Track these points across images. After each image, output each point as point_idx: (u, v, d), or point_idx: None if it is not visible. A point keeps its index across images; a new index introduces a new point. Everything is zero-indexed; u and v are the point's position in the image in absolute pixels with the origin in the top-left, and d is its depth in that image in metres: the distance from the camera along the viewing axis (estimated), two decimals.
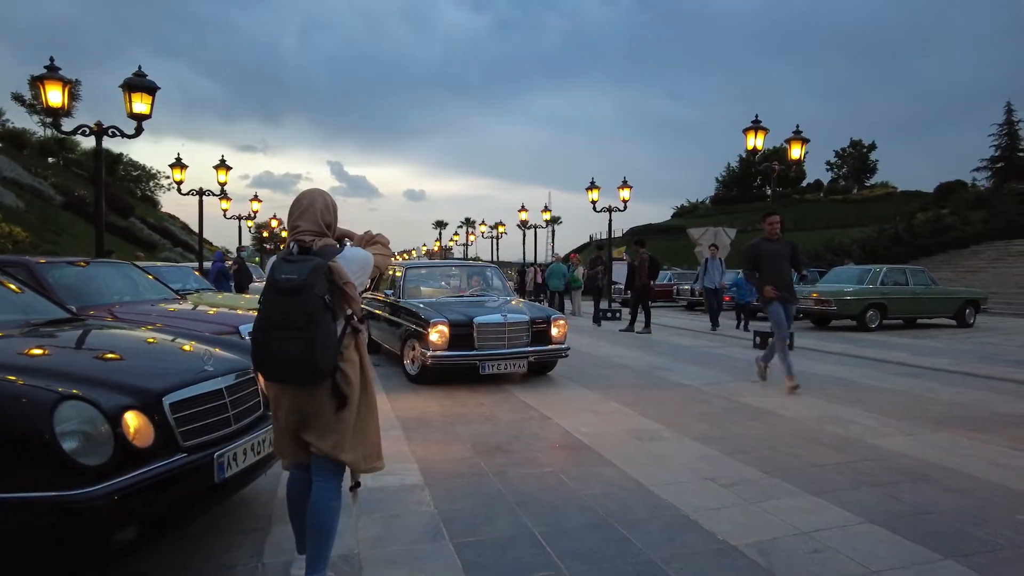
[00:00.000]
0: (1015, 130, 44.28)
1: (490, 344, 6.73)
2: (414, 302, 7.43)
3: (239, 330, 5.24)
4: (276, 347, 2.34)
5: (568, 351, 7.29)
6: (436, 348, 6.51)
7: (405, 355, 7.14)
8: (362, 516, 3.32)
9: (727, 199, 64.52)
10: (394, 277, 8.26)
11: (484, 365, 6.68)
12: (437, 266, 9.64)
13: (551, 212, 29.40)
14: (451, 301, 7.57)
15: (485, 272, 8.88)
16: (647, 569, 2.76)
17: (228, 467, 2.75)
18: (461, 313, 6.85)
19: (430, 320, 6.56)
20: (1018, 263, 23.26)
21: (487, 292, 8.19)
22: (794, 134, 10.90)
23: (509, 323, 6.82)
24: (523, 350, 6.85)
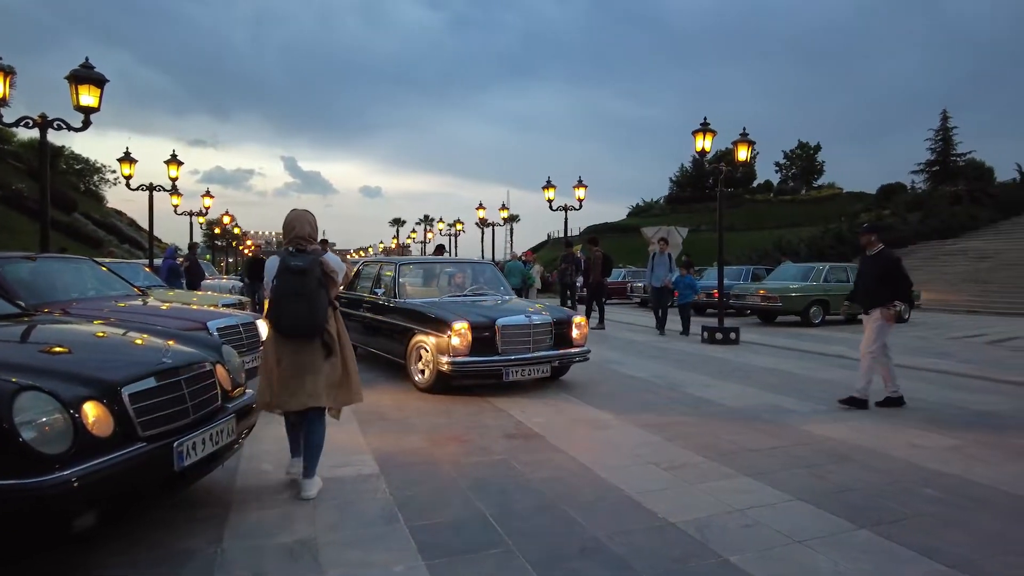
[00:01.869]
0: (949, 136, 46.46)
1: (514, 348, 6.13)
2: (417, 303, 6.77)
3: (207, 326, 5.27)
4: (290, 309, 3.40)
5: (589, 354, 6.81)
6: (457, 353, 5.83)
7: (410, 361, 6.43)
8: (319, 504, 3.42)
9: (681, 199, 65.78)
10: (381, 275, 7.69)
11: (508, 371, 6.05)
12: (431, 263, 8.87)
13: (509, 210, 29.56)
14: (454, 301, 6.91)
15: (482, 269, 8.29)
16: (591, 545, 2.95)
17: (187, 456, 2.83)
18: (480, 314, 6.24)
19: (450, 322, 5.89)
20: (950, 261, 24.49)
21: (485, 290, 7.54)
22: (741, 136, 11.29)
23: (534, 325, 6.27)
24: (547, 354, 6.30)
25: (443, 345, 5.92)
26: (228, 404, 3.32)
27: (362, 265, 8.76)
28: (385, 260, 8.22)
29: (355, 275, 8.49)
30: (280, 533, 3.05)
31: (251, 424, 3.57)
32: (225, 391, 3.37)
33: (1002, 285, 20.23)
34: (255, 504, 3.41)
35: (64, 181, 42.46)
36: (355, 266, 16.13)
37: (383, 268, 7.80)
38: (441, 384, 6.10)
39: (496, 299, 7.23)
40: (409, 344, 6.45)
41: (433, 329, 6.09)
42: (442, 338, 5.94)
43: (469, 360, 5.90)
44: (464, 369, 5.91)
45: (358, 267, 8.73)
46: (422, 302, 6.81)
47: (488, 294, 7.44)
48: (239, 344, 5.50)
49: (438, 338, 5.99)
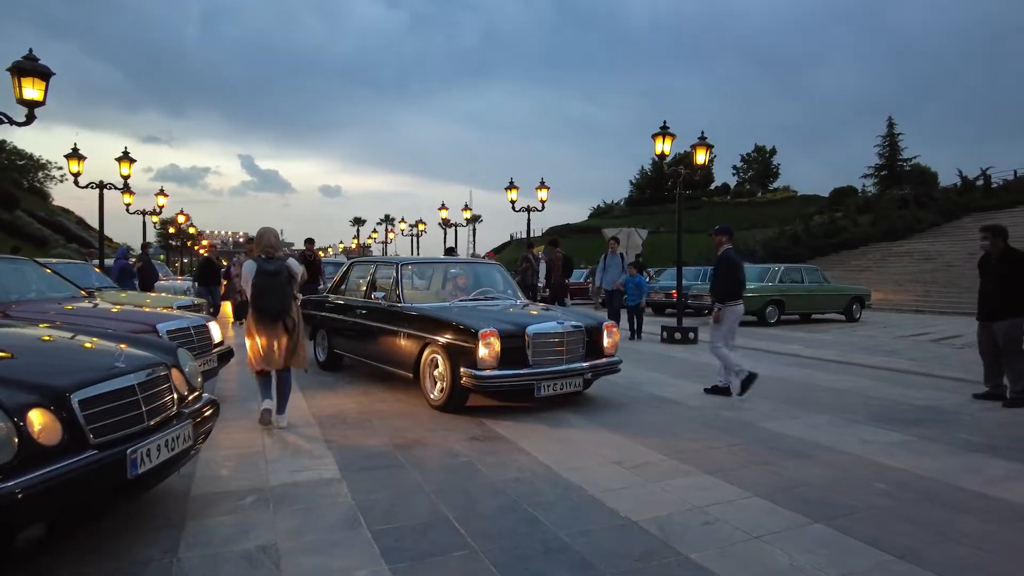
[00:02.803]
0: (896, 142, 48.24)
1: (546, 359, 5.46)
2: (429, 308, 6.12)
3: (156, 328, 5.11)
4: (267, 299, 4.91)
5: (620, 365, 6.16)
6: (485, 366, 5.15)
7: (424, 375, 5.73)
8: (279, 509, 3.36)
9: (641, 201, 66.65)
10: (377, 278, 6.97)
11: (540, 385, 5.34)
12: (434, 264, 8.07)
13: (471, 211, 29.52)
14: (468, 306, 6.27)
15: (489, 271, 7.57)
16: (554, 544, 2.97)
17: (141, 463, 2.75)
18: (508, 321, 5.57)
19: (477, 330, 5.18)
20: (898, 263, 25.41)
21: (492, 293, 6.87)
22: (699, 140, 11.50)
23: (568, 332, 5.59)
24: (580, 366, 5.63)
25: (467, 356, 5.21)
26: (184, 409, 3.24)
27: (350, 267, 8.09)
28: (382, 261, 7.53)
29: (341, 278, 7.87)
30: (239, 540, 2.99)
31: (208, 429, 3.49)
32: (181, 396, 3.29)
33: (944, 286, 21.07)
34: (213, 511, 3.33)
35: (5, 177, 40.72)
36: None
37: (380, 269, 7.13)
38: (458, 401, 5.46)
39: (508, 303, 6.57)
40: (423, 355, 5.74)
41: (454, 338, 5.38)
42: (466, 348, 5.23)
43: (498, 374, 5.18)
44: (492, 384, 5.20)
45: (344, 269, 8.13)
46: (434, 307, 6.18)
47: (498, 298, 6.77)
48: (190, 347, 5.34)
49: (460, 348, 5.29)
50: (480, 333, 5.16)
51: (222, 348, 6.14)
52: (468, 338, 5.25)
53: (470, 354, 5.20)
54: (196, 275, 13.69)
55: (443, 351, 5.45)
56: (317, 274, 11.19)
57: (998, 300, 6.01)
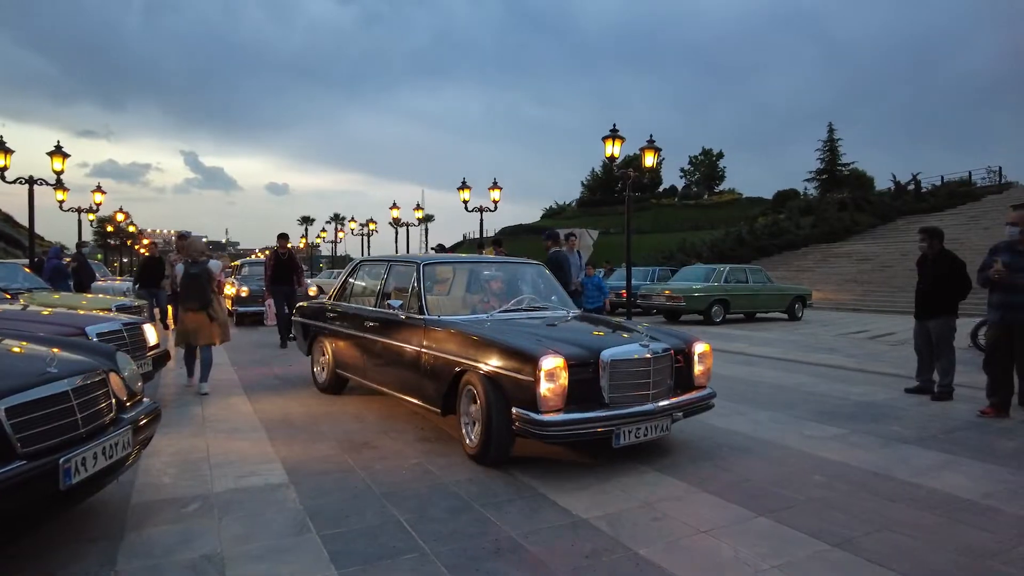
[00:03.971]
0: (835, 146, 50.15)
1: (628, 396, 4.05)
2: (461, 322, 4.74)
3: (85, 331, 4.89)
4: (192, 296, 6.17)
5: (715, 400, 4.76)
6: (547, 405, 3.78)
7: (461, 413, 4.40)
8: (224, 516, 3.27)
9: (592, 202, 67.53)
10: (390, 282, 5.62)
11: (621, 432, 3.97)
12: (463, 264, 6.35)
13: (424, 210, 29.34)
14: (508, 319, 4.88)
15: (531, 273, 5.99)
16: (506, 544, 2.98)
17: (76, 473, 2.64)
18: (576, 343, 4.19)
19: (537, 356, 3.82)
20: (838, 263, 26.42)
21: (539, 302, 5.39)
22: (648, 143, 11.74)
23: (656, 358, 4.20)
24: (671, 404, 4.25)
25: (520, 391, 3.88)
26: (123, 415, 3.12)
27: (356, 267, 6.58)
28: (397, 260, 5.92)
29: (345, 281, 6.48)
30: (182, 549, 2.90)
31: (149, 436, 3.38)
32: (120, 401, 3.17)
33: (879, 286, 22.02)
34: (154, 520, 3.22)
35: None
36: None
37: (394, 271, 5.69)
38: (501, 450, 4.09)
39: (560, 315, 5.20)
40: (457, 385, 4.41)
41: (502, 365, 4.03)
42: (519, 381, 3.88)
43: (565, 418, 3.82)
44: (556, 432, 3.83)
45: (349, 268, 6.68)
46: (467, 321, 4.81)
47: (546, 308, 5.31)
48: (122, 349, 5.15)
49: (511, 380, 3.94)
50: (541, 360, 3.78)
51: (158, 351, 5.93)
52: (523, 366, 3.88)
53: (526, 389, 3.83)
54: (137, 276, 13.02)
55: (484, 382, 4.10)
56: (292, 273, 10.16)
57: (933, 299, 6.32)
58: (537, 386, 3.79)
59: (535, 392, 3.79)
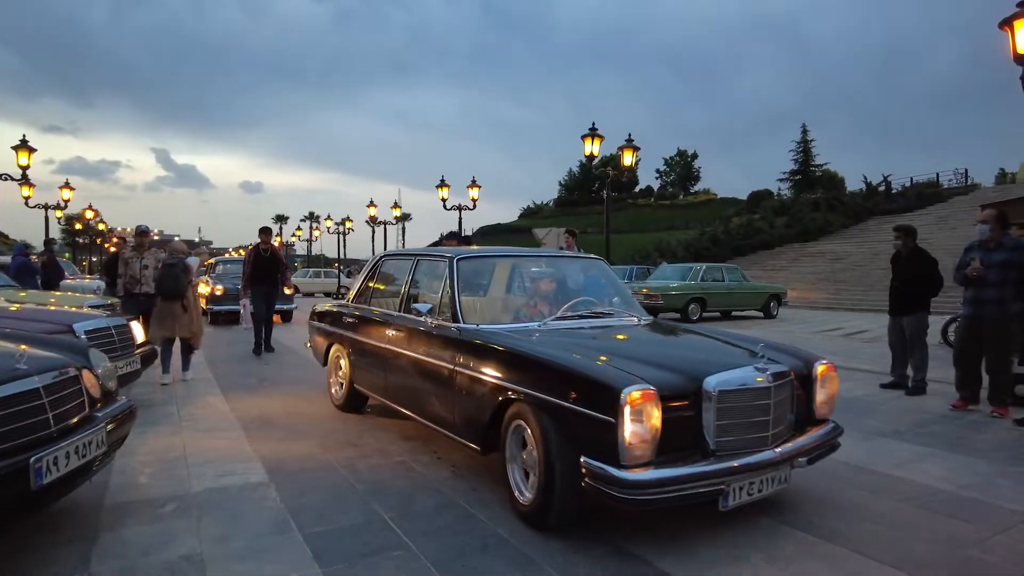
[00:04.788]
0: (809, 148, 51.00)
1: (740, 439, 2.96)
2: (506, 333, 3.66)
3: (73, 328, 4.77)
4: (167, 283, 6.60)
5: (841, 435, 3.55)
6: (635, 457, 2.70)
7: (508, 455, 3.32)
8: (203, 516, 3.19)
9: (569, 202, 67.76)
10: (418, 281, 4.68)
11: (732, 490, 2.85)
12: (507, 258, 5.13)
13: (401, 209, 29.15)
14: (566, 329, 3.83)
15: (589, 270, 4.87)
16: (493, 541, 2.95)
17: (47, 472, 2.55)
18: (666, 366, 3.08)
19: (615, 384, 2.75)
20: (811, 262, 26.82)
21: (601, 307, 4.32)
22: (626, 142, 11.79)
23: (775, 387, 3.07)
24: (795, 447, 3.13)
25: (594, 435, 2.78)
26: (97, 413, 3.03)
27: (379, 263, 5.54)
28: (424, 254, 4.83)
29: (366, 280, 5.48)
30: (160, 550, 2.81)
31: (124, 435, 3.28)
32: (93, 399, 3.07)
33: (852, 284, 22.39)
34: (130, 521, 3.13)
35: None
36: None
37: (422, 267, 4.70)
38: (568, 511, 2.99)
39: (631, 323, 4.18)
40: (503, 419, 3.34)
41: (567, 397, 2.92)
42: (594, 420, 2.77)
43: (658, 476, 2.71)
44: (646, 495, 2.69)
45: (372, 264, 5.68)
46: (514, 331, 3.72)
47: (611, 314, 4.25)
48: (111, 348, 5.03)
49: (580, 419, 2.85)
50: (624, 392, 2.66)
51: (146, 349, 5.80)
52: (597, 399, 2.79)
53: (602, 432, 2.72)
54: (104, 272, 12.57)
55: (540, 418, 3.03)
56: (276, 271, 9.15)
57: (907, 295, 6.43)
58: (619, 429, 2.65)
59: (616, 437, 2.66)
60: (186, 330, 6.72)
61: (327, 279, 31.85)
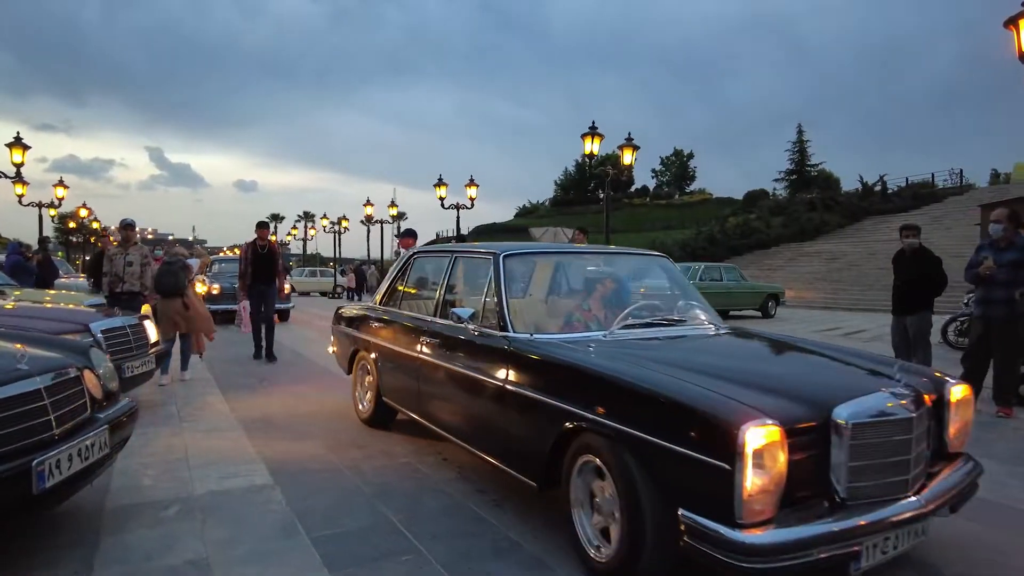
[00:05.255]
0: (804, 148, 51.05)
1: (877, 484, 2.35)
2: (565, 344, 3.10)
3: (89, 328, 4.71)
4: (166, 280, 6.57)
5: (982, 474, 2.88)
6: (754, 513, 2.08)
7: (573, 496, 2.75)
8: (208, 519, 3.13)
9: (565, 201, 67.67)
10: (455, 280, 4.15)
11: (866, 549, 2.21)
12: (560, 255, 4.54)
13: (398, 208, 29.07)
14: (639, 341, 3.22)
15: (650, 269, 4.36)
16: (504, 544, 2.90)
17: (49, 476, 2.48)
18: (780, 390, 2.45)
19: (729, 417, 2.13)
20: (808, 262, 26.88)
21: (666, 310, 3.71)
22: (626, 141, 11.75)
23: (915, 417, 2.46)
24: (936, 493, 2.50)
25: (699, 482, 2.22)
26: (99, 414, 2.96)
27: (410, 262, 4.88)
28: (463, 251, 4.28)
29: (395, 280, 4.91)
30: (163, 554, 2.75)
31: (126, 436, 3.22)
32: (95, 400, 3.00)
33: (849, 284, 22.44)
34: (132, 524, 3.06)
35: None
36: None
37: (461, 266, 4.17)
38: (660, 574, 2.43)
39: (708, 332, 3.55)
40: (567, 452, 2.76)
41: (656, 430, 2.34)
42: (695, 463, 2.19)
43: (783, 539, 2.10)
44: (768, 563, 2.07)
45: (401, 261, 5.04)
46: (574, 341, 3.13)
47: (683, 320, 3.63)
48: (126, 348, 4.98)
49: (676, 459, 2.26)
50: (742, 430, 2.07)
51: (160, 348, 5.74)
52: (706, 437, 2.19)
53: (713, 480, 2.13)
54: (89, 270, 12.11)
55: (620, 455, 2.44)
56: (273, 269, 8.35)
57: (911, 294, 6.40)
58: (736, 477, 2.03)
59: (730, 488, 2.05)
60: (189, 327, 6.71)
61: (323, 278, 31.73)
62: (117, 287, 6.85)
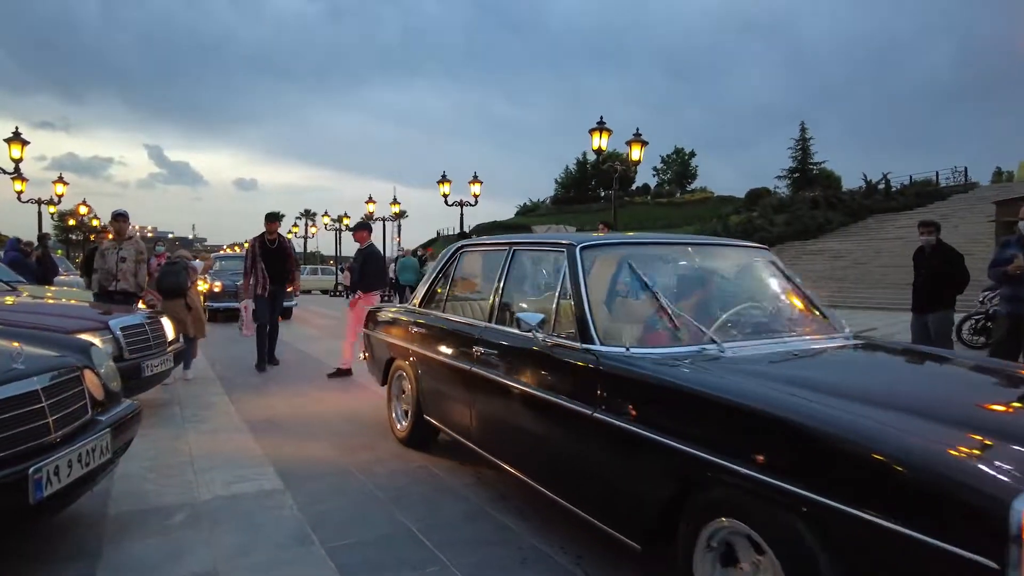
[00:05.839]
0: (807, 146, 50.89)
1: None
2: (677, 364, 2.35)
3: (109, 326, 4.57)
4: (168, 280, 6.35)
5: None
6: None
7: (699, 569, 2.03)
8: (216, 527, 2.96)
9: (565, 200, 67.52)
10: (518, 278, 3.57)
11: None
12: (649, 245, 3.49)
13: (400, 205, 28.86)
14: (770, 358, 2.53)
15: (758, 264, 3.51)
16: (532, 554, 2.73)
17: (48, 484, 2.31)
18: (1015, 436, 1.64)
19: (997, 494, 1.35)
20: (812, 261, 26.69)
21: (767, 318, 3.07)
22: (634, 136, 11.57)
23: None
24: None
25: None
26: (101, 416, 2.79)
27: (455, 257, 4.21)
28: (526, 244, 3.60)
29: (435, 279, 4.30)
30: (170, 565, 2.58)
31: (129, 439, 3.04)
32: (96, 401, 2.83)
33: (854, 282, 22.26)
34: (136, 533, 2.89)
35: None
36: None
37: (520, 260, 3.55)
38: None
39: (837, 344, 2.91)
40: (689, 511, 2.08)
41: (858, 500, 1.56)
42: (931, 554, 1.40)
43: None
44: None
45: (445, 257, 4.31)
46: (682, 358, 2.43)
47: (807, 330, 3.07)
48: (145, 345, 4.82)
49: (894, 545, 1.47)
50: (1014, 502, 1.31)
51: (178, 346, 5.60)
52: (948, 517, 1.42)
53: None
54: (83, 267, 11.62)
55: (787, 526, 1.75)
56: (284, 267, 7.40)
57: (932, 292, 6.23)
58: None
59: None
60: (189, 328, 6.51)
61: (324, 276, 31.58)
62: (110, 285, 6.20)
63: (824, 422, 1.74)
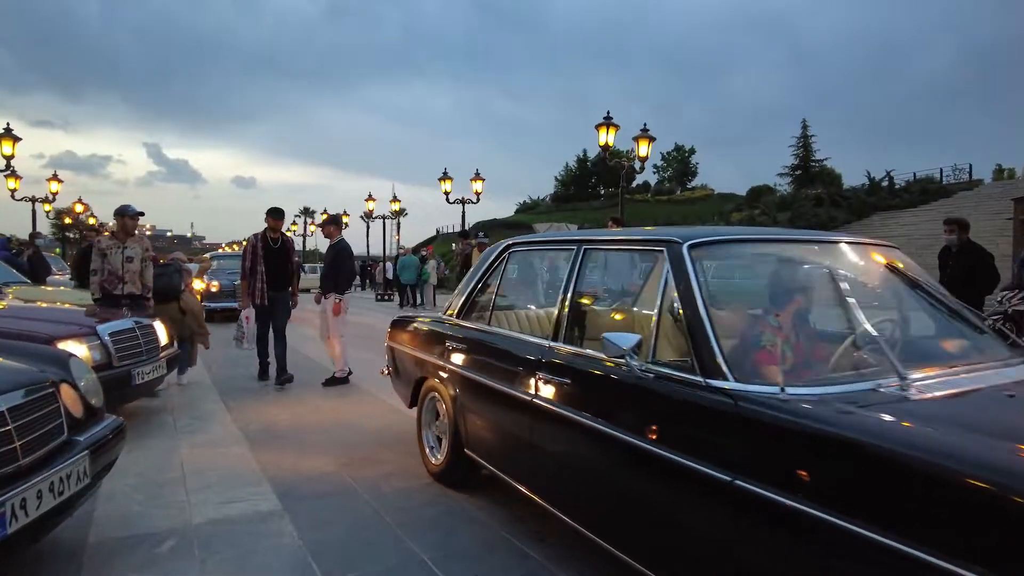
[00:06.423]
0: (809, 143, 50.61)
1: None
2: (858, 412, 1.60)
3: (97, 331, 4.30)
4: (163, 284, 6.19)
5: None
6: None
7: None
8: (208, 557, 2.68)
9: (565, 197, 67.20)
10: (588, 282, 2.98)
11: None
12: (766, 241, 2.75)
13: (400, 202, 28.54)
14: (955, 397, 1.80)
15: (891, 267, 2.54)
16: None
17: (12, 519, 2.03)
18: None
19: None
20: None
21: (950, 335, 2.45)
22: (642, 132, 11.30)
23: None
24: None
25: None
26: (78, 437, 2.51)
27: (505, 255, 3.48)
28: (599, 241, 2.95)
29: (478, 286, 3.56)
30: None
31: (111, 460, 2.76)
32: (74, 420, 2.55)
33: None
34: (120, 564, 2.62)
35: None
36: None
37: (593, 261, 2.95)
38: None
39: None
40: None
41: None
42: None
43: None
44: None
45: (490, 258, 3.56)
46: (861, 401, 1.68)
47: (980, 355, 2.29)
48: (136, 351, 4.55)
49: None
50: None
51: (171, 351, 5.31)
52: None
53: None
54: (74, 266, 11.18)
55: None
56: (286, 271, 6.63)
57: (960, 292, 5.96)
58: None
59: None
60: (186, 331, 6.46)
61: None
62: (116, 288, 5.53)
63: None
